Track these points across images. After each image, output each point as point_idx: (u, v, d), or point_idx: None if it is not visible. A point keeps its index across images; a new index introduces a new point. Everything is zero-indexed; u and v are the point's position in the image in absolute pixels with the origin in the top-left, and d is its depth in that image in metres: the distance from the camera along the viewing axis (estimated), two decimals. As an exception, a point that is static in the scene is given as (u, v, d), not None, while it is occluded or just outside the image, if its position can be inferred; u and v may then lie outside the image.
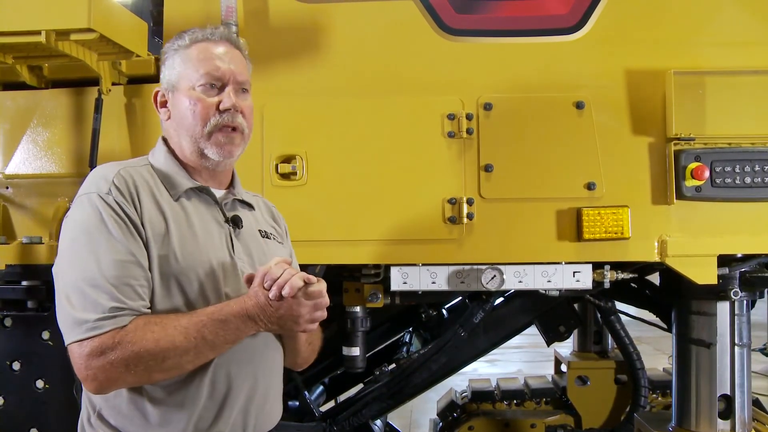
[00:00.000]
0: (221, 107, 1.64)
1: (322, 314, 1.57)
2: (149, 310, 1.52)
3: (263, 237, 1.79)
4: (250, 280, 1.54)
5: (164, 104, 1.73)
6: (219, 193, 1.73)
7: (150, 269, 1.53)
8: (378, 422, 3.26)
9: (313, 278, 1.53)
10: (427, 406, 5.18)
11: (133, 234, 1.53)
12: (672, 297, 2.76)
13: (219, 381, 1.56)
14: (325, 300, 1.56)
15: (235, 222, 1.70)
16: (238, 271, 1.63)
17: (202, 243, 1.60)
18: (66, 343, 1.48)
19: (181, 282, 1.55)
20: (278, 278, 1.48)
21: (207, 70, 1.65)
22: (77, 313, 1.47)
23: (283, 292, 1.47)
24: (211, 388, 1.56)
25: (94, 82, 2.56)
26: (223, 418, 1.57)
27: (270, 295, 1.49)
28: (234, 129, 1.66)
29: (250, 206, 1.81)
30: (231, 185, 1.79)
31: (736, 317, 2.55)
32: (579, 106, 2.47)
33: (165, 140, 1.74)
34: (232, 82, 1.67)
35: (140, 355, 1.44)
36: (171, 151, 1.72)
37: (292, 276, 1.49)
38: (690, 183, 2.40)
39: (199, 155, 1.67)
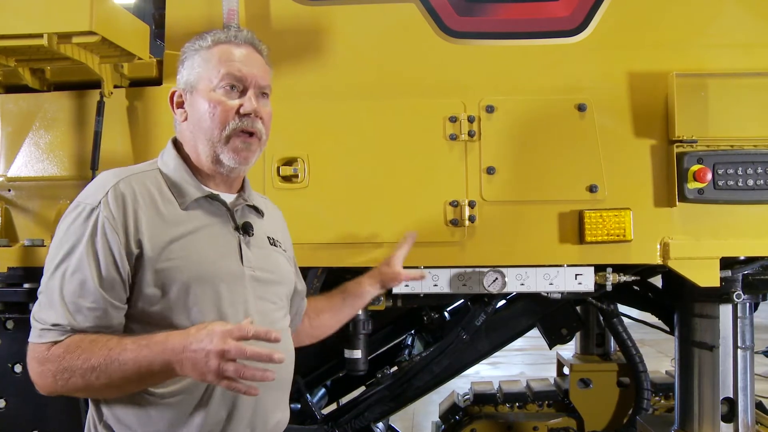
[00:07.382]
0: (242, 111, 1.60)
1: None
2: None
3: (271, 245, 1.75)
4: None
5: (180, 105, 1.68)
6: (230, 198, 1.69)
7: (148, 284, 1.50)
8: (380, 425, 3.25)
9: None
10: (429, 408, 5.18)
11: (106, 256, 1.49)
12: (674, 300, 2.75)
13: (227, 393, 1.52)
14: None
15: (246, 229, 1.66)
16: (246, 280, 1.59)
17: (208, 253, 1.57)
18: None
19: (186, 294, 1.52)
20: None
21: (229, 71, 1.61)
22: (35, 315, 1.50)
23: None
24: (221, 399, 1.54)
25: (96, 84, 2.56)
26: (231, 429, 1.55)
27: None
28: (252, 134, 1.62)
29: (259, 211, 1.77)
30: (242, 189, 1.74)
31: (738, 320, 2.54)
32: (581, 108, 2.47)
33: (175, 143, 1.70)
34: (254, 86, 1.63)
35: (66, 370, 1.43)
36: (182, 155, 1.67)
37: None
38: (692, 185, 2.39)
39: (214, 161, 1.62)
